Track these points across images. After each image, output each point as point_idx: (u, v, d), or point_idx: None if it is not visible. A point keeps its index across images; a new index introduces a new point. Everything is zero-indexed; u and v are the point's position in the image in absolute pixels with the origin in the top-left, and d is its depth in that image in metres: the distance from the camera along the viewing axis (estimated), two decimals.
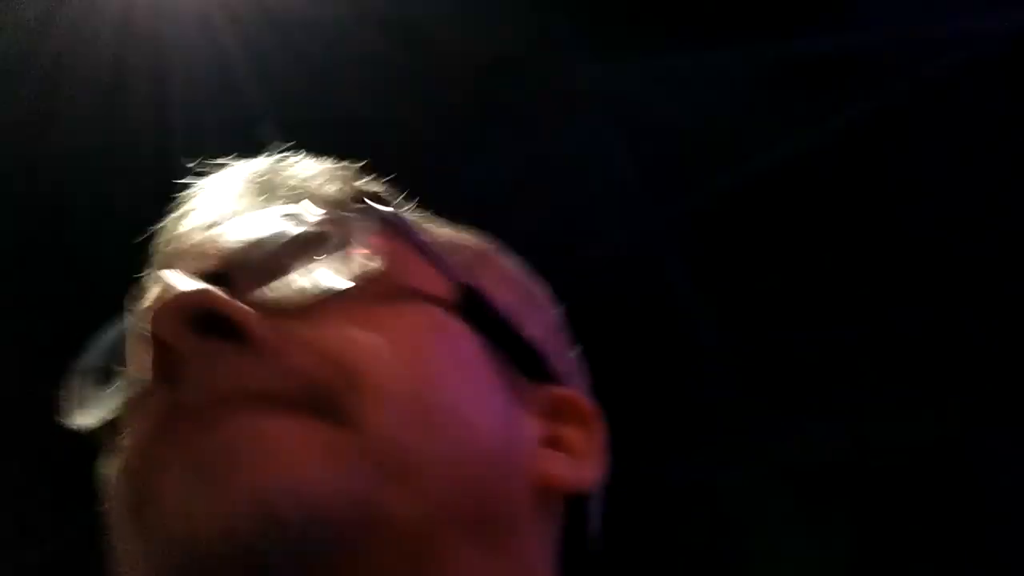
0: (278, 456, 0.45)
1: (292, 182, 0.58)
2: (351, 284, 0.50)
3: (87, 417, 0.53)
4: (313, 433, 0.46)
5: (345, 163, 0.61)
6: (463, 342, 0.54)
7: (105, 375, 0.54)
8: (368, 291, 0.51)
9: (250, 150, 0.63)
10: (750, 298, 1.92)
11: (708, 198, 1.87)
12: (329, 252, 0.52)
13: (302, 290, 0.51)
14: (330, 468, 0.45)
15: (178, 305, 0.47)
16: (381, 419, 0.47)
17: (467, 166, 1.79)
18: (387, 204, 0.56)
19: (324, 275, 0.51)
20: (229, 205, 0.57)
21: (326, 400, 0.47)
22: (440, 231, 0.61)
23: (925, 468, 1.97)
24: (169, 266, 0.53)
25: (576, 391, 0.60)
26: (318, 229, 0.53)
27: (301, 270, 0.52)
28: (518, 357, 0.56)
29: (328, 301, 0.51)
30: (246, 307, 0.48)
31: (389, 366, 0.49)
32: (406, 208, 0.60)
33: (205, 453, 0.45)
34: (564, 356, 0.62)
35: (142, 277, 0.56)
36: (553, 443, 0.56)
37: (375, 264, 0.51)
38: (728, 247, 1.90)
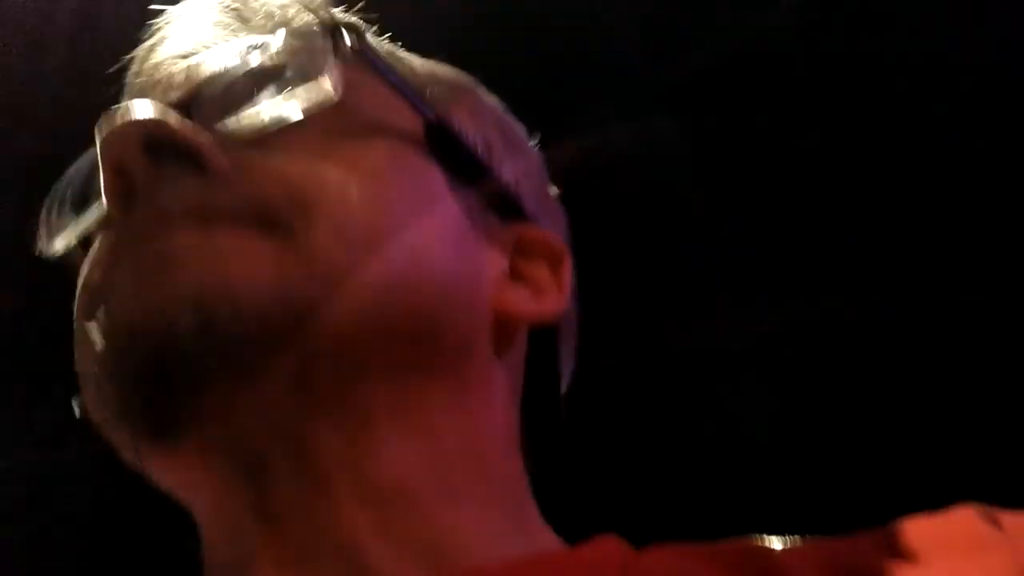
0: (214, 260, 0.47)
1: (264, 10, 0.58)
2: (308, 113, 0.52)
3: (56, 243, 0.55)
4: (252, 243, 0.48)
5: None
6: (424, 175, 0.54)
7: (79, 203, 0.56)
8: (332, 124, 0.52)
9: None
10: (751, 164, 1.88)
11: (707, 60, 1.83)
12: (293, 83, 0.53)
13: (260, 120, 0.52)
14: (263, 270, 0.47)
15: (133, 130, 0.49)
16: (324, 236, 0.48)
17: (458, 27, 1.74)
18: (358, 34, 0.56)
19: (283, 105, 0.52)
20: (200, 35, 0.58)
21: (273, 219, 0.48)
22: (418, 63, 0.60)
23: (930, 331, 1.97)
24: (138, 96, 0.54)
25: (547, 231, 0.59)
26: (282, 59, 0.53)
27: (264, 101, 0.53)
28: (487, 194, 0.56)
29: (290, 133, 0.52)
30: (203, 134, 0.50)
31: (341, 193, 0.50)
32: (381, 41, 0.60)
33: (149, 259, 0.47)
34: (540, 198, 0.62)
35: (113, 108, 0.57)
36: (517, 278, 0.57)
37: (333, 94, 0.52)
38: (729, 111, 1.87)
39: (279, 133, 0.52)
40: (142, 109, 0.50)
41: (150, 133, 0.49)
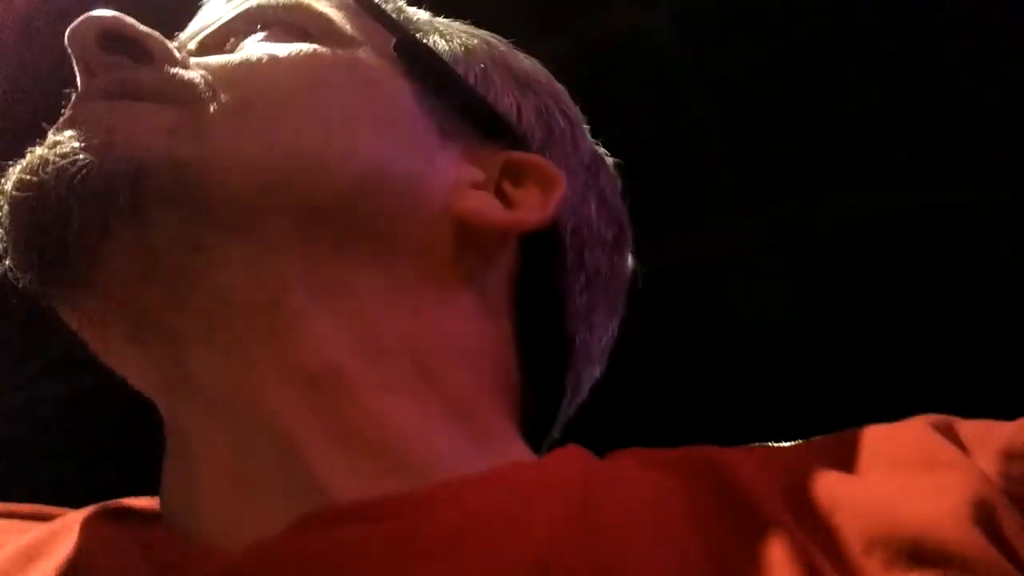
0: (106, 121, 0.48)
1: None
2: (243, 11, 0.56)
3: None
4: (156, 113, 0.49)
5: None
6: (377, 79, 0.56)
7: None
8: (292, 36, 0.55)
9: None
10: (753, 71, 1.85)
11: None
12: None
13: (202, 28, 0.57)
14: (146, 125, 0.48)
15: (89, 26, 0.52)
16: (225, 104, 0.50)
17: None
18: None
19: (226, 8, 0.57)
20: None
21: (190, 97, 0.50)
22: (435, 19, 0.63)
23: (937, 234, 1.95)
24: None
25: (541, 157, 0.59)
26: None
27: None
28: (471, 114, 0.58)
29: (249, 42, 0.55)
30: (150, 30, 0.53)
31: (261, 76, 0.52)
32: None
33: (59, 132, 0.49)
34: (554, 135, 0.61)
35: None
36: (502, 197, 0.57)
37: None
38: (734, 22, 1.83)
39: (240, 44, 0.56)
40: (98, 11, 0.53)
41: (103, 28, 0.52)
